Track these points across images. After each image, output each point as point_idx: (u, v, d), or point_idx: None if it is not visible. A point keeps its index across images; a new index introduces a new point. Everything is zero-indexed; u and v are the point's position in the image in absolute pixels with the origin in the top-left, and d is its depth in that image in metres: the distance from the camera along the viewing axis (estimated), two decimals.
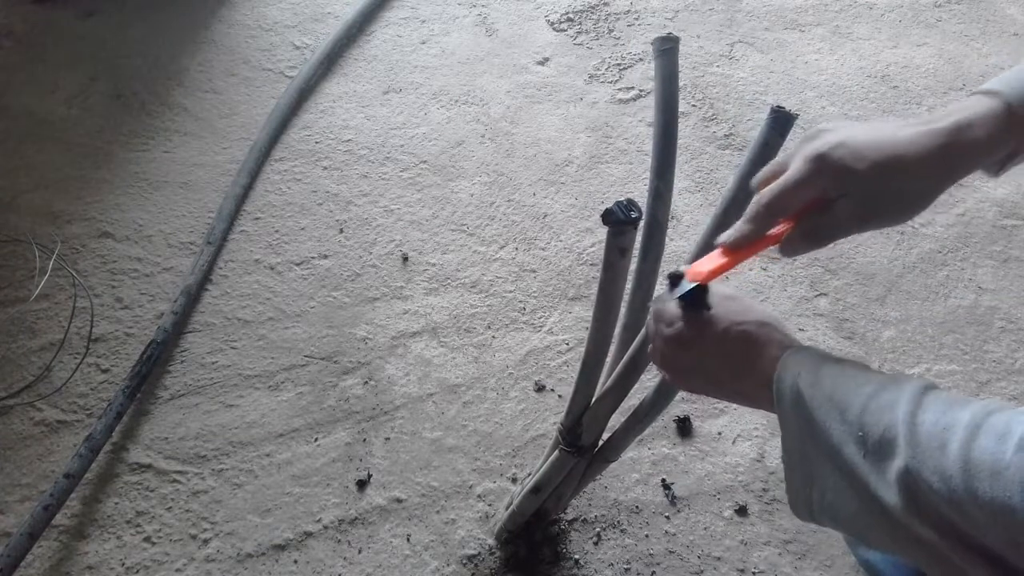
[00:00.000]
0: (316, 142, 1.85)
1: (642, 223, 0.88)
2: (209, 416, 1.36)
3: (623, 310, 0.89)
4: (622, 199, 0.69)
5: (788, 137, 0.72)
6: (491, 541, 1.24)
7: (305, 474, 1.31)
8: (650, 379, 1.35)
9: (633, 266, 0.90)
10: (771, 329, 0.61)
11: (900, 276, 1.68)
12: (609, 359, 0.93)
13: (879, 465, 0.45)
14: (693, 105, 2.02)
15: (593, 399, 0.92)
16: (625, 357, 0.85)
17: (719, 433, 1.40)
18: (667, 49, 0.80)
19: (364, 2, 2.15)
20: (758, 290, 1.62)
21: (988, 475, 0.39)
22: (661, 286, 0.71)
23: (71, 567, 1.19)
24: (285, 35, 2.11)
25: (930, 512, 0.42)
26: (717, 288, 0.64)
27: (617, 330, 0.90)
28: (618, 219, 0.68)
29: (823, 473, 0.50)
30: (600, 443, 1.01)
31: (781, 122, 0.71)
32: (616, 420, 0.97)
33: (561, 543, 1.24)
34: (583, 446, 0.96)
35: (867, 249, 1.73)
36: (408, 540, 1.24)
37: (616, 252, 0.73)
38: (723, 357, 0.61)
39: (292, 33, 2.12)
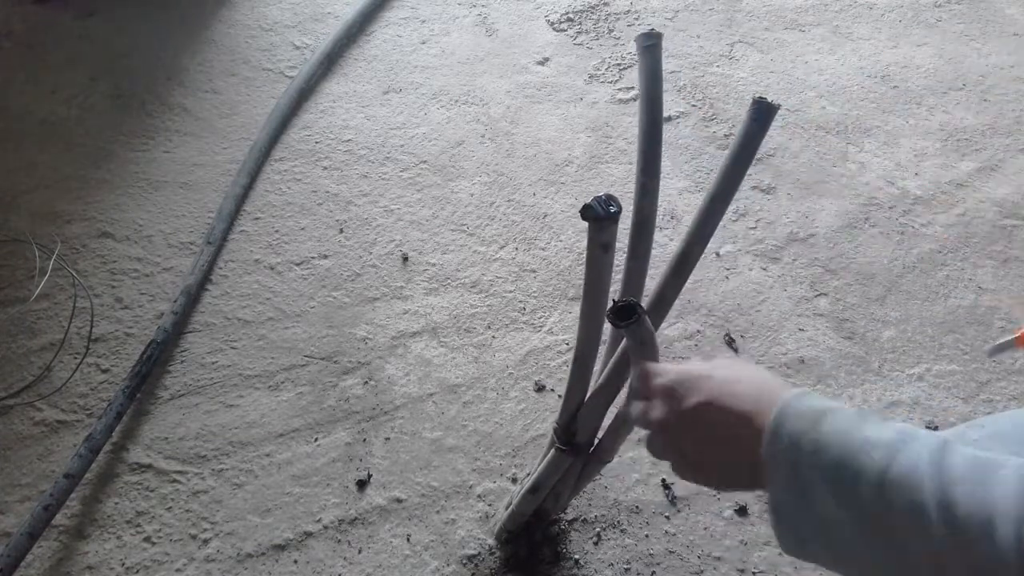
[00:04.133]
0: (316, 142, 1.85)
1: (631, 220, 0.87)
2: (209, 416, 1.36)
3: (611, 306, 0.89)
4: (600, 194, 0.67)
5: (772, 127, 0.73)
6: (491, 541, 1.24)
7: (305, 474, 1.31)
8: None
9: (624, 265, 0.90)
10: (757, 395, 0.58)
11: (900, 276, 1.68)
12: (601, 356, 0.93)
13: (913, 543, 0.45)
14: (693, 105, 2.02)
15: (587, 397, 0.92)
16: (616, 354, 0.85)
17: None
18: (650, 45, 0.80)
19: (364, 2, 2.15)
20: (758, 290, 1.62)
21: None
22: (647, 293, 0.72)
23: (71, 567, 1.19)
24: (285, 35, 2.11)
25: None
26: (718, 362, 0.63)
27: (607, 327, 0.90)
28: (597, 214, 0.67)
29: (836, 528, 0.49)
30: (596, 442, 1.01)
31: (763, 112, 0.71)
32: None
33: (561, 543, 1.24)
34: (578, 444, 0.96)
35: (867, 249, 1.73)
36: (408, 540, 1.24)
37: (598, 248, 0.72)
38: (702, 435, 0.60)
39: (292, 33, 2.12)
